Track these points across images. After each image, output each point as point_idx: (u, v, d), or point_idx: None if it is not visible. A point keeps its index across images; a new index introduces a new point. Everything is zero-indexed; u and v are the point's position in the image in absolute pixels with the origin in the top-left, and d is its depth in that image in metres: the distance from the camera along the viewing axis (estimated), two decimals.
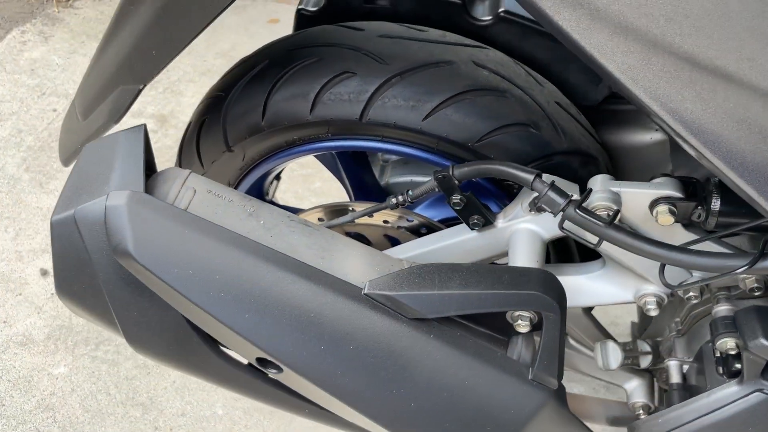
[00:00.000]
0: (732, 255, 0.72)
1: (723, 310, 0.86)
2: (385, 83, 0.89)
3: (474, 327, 0.81)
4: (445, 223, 1.06)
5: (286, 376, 0.78)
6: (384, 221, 1.03)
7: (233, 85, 0.97)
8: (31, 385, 1.58)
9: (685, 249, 0.74)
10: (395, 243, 1.06)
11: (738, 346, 0.80)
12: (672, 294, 0.94)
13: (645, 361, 1.09)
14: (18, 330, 1.68)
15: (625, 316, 1.70)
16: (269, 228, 0.80)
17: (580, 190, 0.87)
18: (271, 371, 0.79)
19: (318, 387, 0.76)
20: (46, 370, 1.61)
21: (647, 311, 0.93)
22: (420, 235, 1.03)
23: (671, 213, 0.80)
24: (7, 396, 1.56)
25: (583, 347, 1.11)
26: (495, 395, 0.78)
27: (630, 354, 1.09)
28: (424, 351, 0.76)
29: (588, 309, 1.08)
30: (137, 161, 0.78)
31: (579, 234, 0.83)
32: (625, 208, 0.82)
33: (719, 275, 0.72)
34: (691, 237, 0.83)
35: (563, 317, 0.78)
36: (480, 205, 0.89)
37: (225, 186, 0.85)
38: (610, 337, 1.08)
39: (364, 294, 0.76)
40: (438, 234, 0.98)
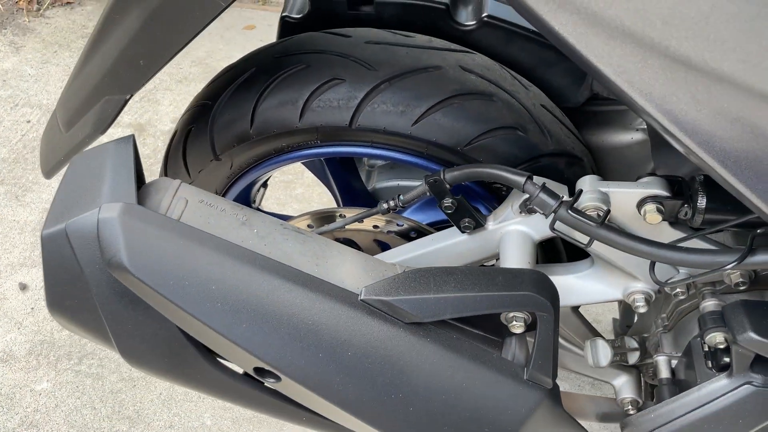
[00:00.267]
0: (721, 251, 0.73)
1: (710, 305, 0.88)
2: (374, 89, 0.89)
3: (468, 329, 0.82)
4: (434, 226, 1.07)
5: (284, 384, 0.78)
6: (374, 226, 1.04)
7: (220, 94, 0.97)
8: (14, 403, 1.55)
9: (677, 247, 0.76)
10: (385, 247, 1.06)
11: (727, 340, 0.82)
12: (659, 290, 0.96)
13: (633, 358, 1.10)
14: None
15: (607, 313, 1.73)
16: (263, 236, 0.80)
17: (568, 191, 0.88)
18: (269, 380, 0.79)
19: (317, 395, 0.76)
20: (28, 386, 1.58)
21: (636, 308, 0.94)
22: (410, 239, 1.03)
23: (659, 211, 0.82)
24: None
25: (572, 345, 1.12)
26: (492, 397, 0.79)
27: (618, 351, 1.10)
28: (421, 355, 0.77)
29: (575, 307, 1.10)
30: (128, 172, 0.77)
31: (569, 234, 0.84)
32: (614, 207, 0.83)
33: (710, 271, 0.74)
34: (677, 234, 0.85)
35: (557, 317, 0.79)
36: (471, 208, 0.90)
37: (216, 195, 0.85)
38: (598, 335, 1.10)
39: (360, 300, 0.76)
40: (429, 237, 0.98)
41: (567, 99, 1.08)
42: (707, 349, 0.86)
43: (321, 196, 2.05)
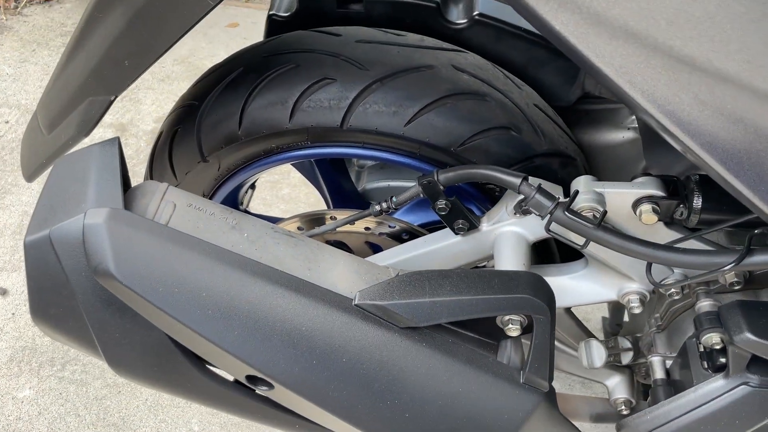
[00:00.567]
0: (719, 252, 0.73)
1: (706, 305, 0.87)
2: (366, 89, 0.88)
3: (464, 333, 0.81)
4: (425, 227, 1.05)
5: (277, 392, 0.76)
6: (365, 228, 1.02)
7: (207, 94, 0.95)
8: None
9: (674, 248, 0.75)
10: (377, 249, 1.04)
11: (723, 340, 0.82)
12: (653, 291, 0.95)
13: (626, 358, 1.10)
14: None
15: (596, 312, 1.73)
16: (253, 241, 0.78)
17: (563, 191, 0.87)
18: (261, 388, 0.77)
19: (311, 402, 0.75)
20: (10, 393, 1.54)
21: (631, 309, 0.94)
22: (402, 241, 1.02)
23: (654, 212, 0.81)
24: None
25: (566, 346, 1.12)
26: (488, 400, 0.78)
27: (612, 351, 1.10)
28: (416, 360, 0.75)
29: (568, 308, 1.09)
30: (114, 176, 0.75)
31: (565, 235, 0.83)
32: (609, 208, 0.82)
33: (708, 272, 0.73)
34: (673, 235, 0.84)
35: (553, 319, 0.78)
36: (464, 210, 0.89)
37: (204, 198, 0.83)
38: (591, 336, 1.09)
39: (354, 305, 0.75)
40: (421, 239, 0.97)
41: (558, 98, 1.07)
42: (703, 350, 0.85)
43: (308, 196, 2.03)
